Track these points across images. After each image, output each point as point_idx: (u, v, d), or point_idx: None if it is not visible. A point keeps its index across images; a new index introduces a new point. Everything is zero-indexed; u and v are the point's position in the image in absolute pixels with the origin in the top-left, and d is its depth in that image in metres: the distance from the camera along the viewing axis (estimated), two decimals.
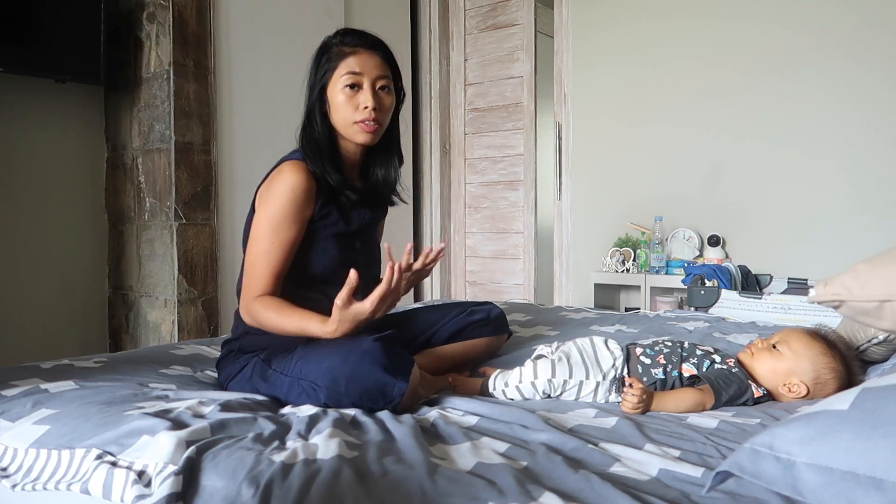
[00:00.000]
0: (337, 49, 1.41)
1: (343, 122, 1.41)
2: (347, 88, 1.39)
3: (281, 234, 1.35)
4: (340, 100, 1.40)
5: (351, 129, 1.41)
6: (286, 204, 1.35)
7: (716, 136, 3.12)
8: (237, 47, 2.91)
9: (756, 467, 0.76)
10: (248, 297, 1.36)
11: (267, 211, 1.36)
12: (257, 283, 1.35)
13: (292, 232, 1.36)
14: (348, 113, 1.40)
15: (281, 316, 1.31)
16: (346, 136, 1.43)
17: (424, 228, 4.07)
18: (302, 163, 1.39)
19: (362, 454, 0.95)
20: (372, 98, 1.39)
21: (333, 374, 1.20)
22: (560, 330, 1.94)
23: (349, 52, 1.40)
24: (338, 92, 1.40)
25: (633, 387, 1.23)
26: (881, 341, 1.39)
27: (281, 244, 1.35)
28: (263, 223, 1.36)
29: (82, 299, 2.79)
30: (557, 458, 0.95)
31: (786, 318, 2.05)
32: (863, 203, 2.80)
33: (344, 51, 1.41)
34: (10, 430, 1.11)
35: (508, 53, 3.86)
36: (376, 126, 1.41)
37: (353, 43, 1.42)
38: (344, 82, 1.39)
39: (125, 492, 0.90)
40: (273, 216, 1.35)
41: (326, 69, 1.41)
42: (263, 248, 1.35)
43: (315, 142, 1.42)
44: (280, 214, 1.35)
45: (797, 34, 2.91)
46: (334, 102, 1.41)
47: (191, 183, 2.69)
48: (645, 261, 3.21)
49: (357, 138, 1.42)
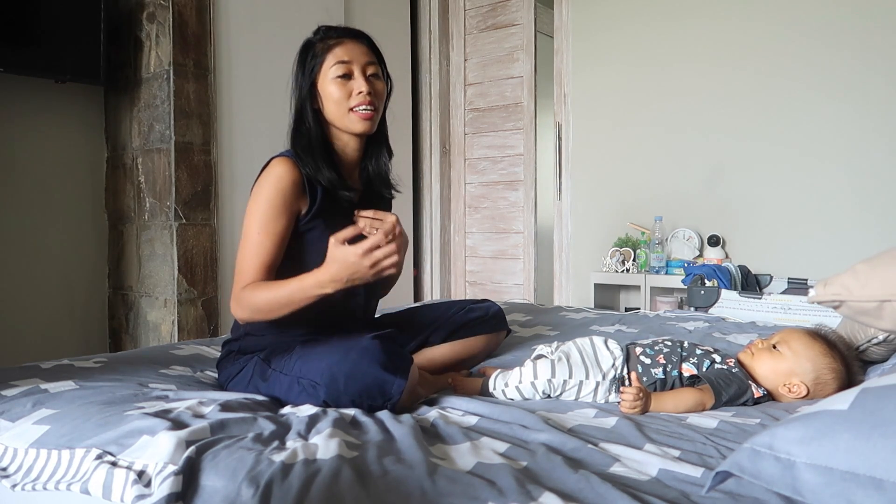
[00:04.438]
0: (321, 44, 1.41)
1: (338, 113, 1.39)
2: (339, 78, 1.38)
3: (269, 225, 1.34)
4: (333, 90, 1.38)
5: (347, 118, 1.39)
6: (273, 196, 1.34)
7: (716, 136, 3.12)
8: (237, 47, 2.91)
9: (756, 467, 0.76)
10: (237, 289, 1.34)
11: (255, 205, 1.36)
12: (247, 274, 1.33)
13: (281, 224, 1.35)
14: (343, 101, 1.38)
15: (271, 290, 1.29)
16: (342, 127, 1.41)
17: (424, 228, 4.07)
18: (290, 158, 1.38)
19: (362, 454, 0.95)
20: (365, 83, 1.38)
21: (333, 372, 1.21)
22: (560, 330, 1.94)
23: (334, 43, 1.40)
24: (329, 83, 1.38)
25: (631, 385, 1.23)
26: (881, 341, 1.39)
27: (270, 235, 1.34)
28: (252, 217, 1.35)
29: (82, 299, 2.79)
30: (557, 458, 0.95)
31: (786, 318, 2.05)
32: (863, 203, 2.80)
33: (329, 43, 1.40)
34: (10, 430, 1.11)
35: (508, 53, 3.86)
36: (372, 112, 1.39)
37: (337, 35, 1.41)
38: (334, 73, 1.38)
39: (125, 492, 0.90)
40: (260, 209, 1.34)
41: (314, 65, 1.40)
42: (253, 241, 1.34)
43: (307, 139, 1.40)
44: (267, 206, 1.34)
45: (797, 34, 2.91)
46: (326, 94, 1.39)
47: (191, 183, 2.69)
48: (645, 261, 3.21)
49: (355, 127, 1.40)
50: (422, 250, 4.08)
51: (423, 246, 4.08)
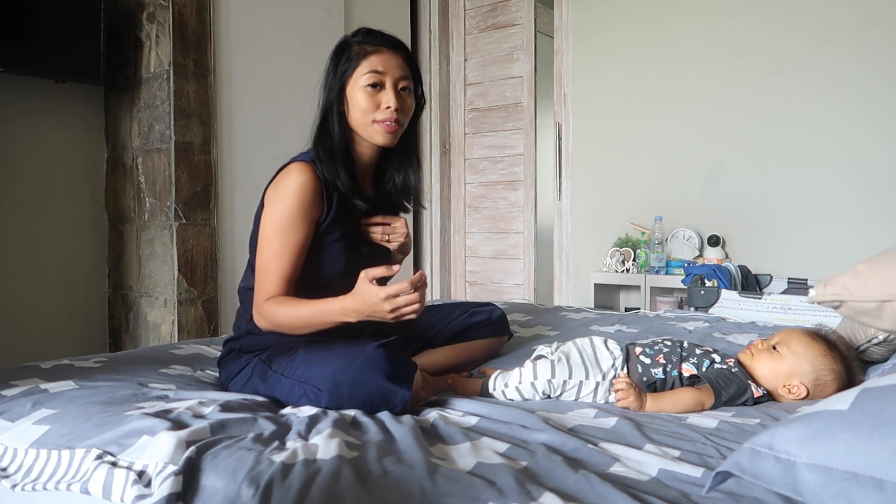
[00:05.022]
0: (358, 48, 1.38)
1: (362, 122, 1.38)
2: (369, 87, 1.36)
3: (290, 236, 1.33)
4: (361, 98, 1.36)
5: (370, 128, 1.38)
6: (294, 206, 1.33)
7: (716, 135, 3.12)
8: (237, 47, 2.90)
9: (756, 467, 0.76)
10: (260, 300, 1.34)
11: (275, 214, 1.34)
12: (270, 286, 1.33)
13: (301, 234, 1.34)
14: (369, 112, 1.36)
15: (296, 309, 1.29)
16: (364, 136, 1.40)
17: (424, 228, 4.07)
18: (310, 164, 1.36)
19: (362, 454, 0.95)
20: (395, 98, 1.36)
21: (337, 379, 1.20)
22: (560, 330, 1.93)
23: (371, 50, 1.37)
24: (358, 90, 1.36)
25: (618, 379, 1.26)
26: (881, 341, 1.39)
27: (291, 247, 1.33)
28: (272, 227, 1.34)
29: (82, 299, 2.79)
30: (557, 458, 0.95)
31: (786, 318, 2.05)
32: (863, 203, 2.80)
33: (366, 49, 1.38)
34: (10, 430, 1.11)
35: (508, 53, 3.86)
36: (397, 127, 1.38)
37: (376, 42, 1.39)
38: (366, 81, 1.36)
39: (125, 492, 0.90)
40: (281, 219, 1.33)
41: (346, 68, 1.38)
42: (274, 251, 1.33)
43: (330, 143, 1.39)
44: (288, 217, 1.33)
45: (797, 35, 2.91)
46: (354, 101, 1.37)
47: (191, 183, 2.69)
48: (645, 261, 3.21)
49: (376, 139, 1.39)
50: (422, 250, 4.08)
51: (423, 246, 4.07)
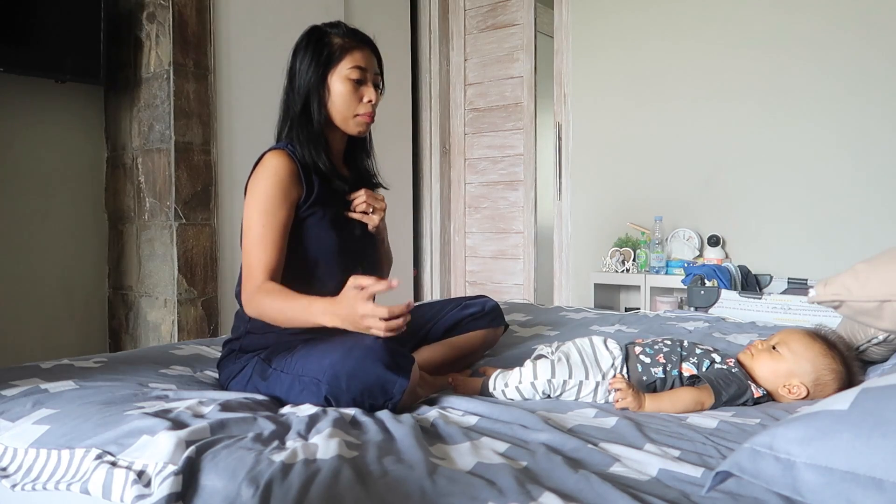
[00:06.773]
0: (341, 41, 1.44)
1: (343, 114, 1.45)
2: (353, 82, 1.43)
3: (271, 217, 1.35)
4: (343, 91, 1.43)
5: (351, 121, 1.46)
6: (272, 186, 1.36)
7: (716, 135, 3.12)
8: (237, 47, 2.91)
9: (756, 467, 0.76)
10: (250, 287, 1.34)
11: (254, 198, 1.37)
12: (256, 270, 1.34)
13: (282, 214, 1.37)
14: (352, 105, 1.44)
15: (285, 301, 1.30)
16: (341, 126, 1.47)
17: (424, 228, 4.07)
18: (284, 150, 1.41)
19: (362, 454, 0.95)
20: (375, 94, 1.46)
21: (335, 371, 1.21)
22: (560, 330, 1.94)
23: (355, 46, 1.44)
24: (342, 82, 1.43)
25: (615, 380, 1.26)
26: (881, 341, 1.39)
27: (273, 228, 1.35)
28: (253, 210, 1.37)
29: (82, 299, 2.79)
30: (557, 458, 0.95)
31: (786, 318, 2.05)
32: (863, 203, 2.80)
33: (350, 44, 1.44)
34: (10, 430, 1.11)
35: (508, 53, 3.86)
36: (371, 120, 1.48)
37: (359, 39, 1.47)
38: (351, 75, 1.43)
39: (125, 492, 0.90)
40: (261, 201, 1.36)
41: (329, 60, 1.43)
42: (257, 234, 1.35)
43: (310, 126, 1.44)
44: (267, 198, 1.36)
45: (797, 35, 2.91)
46: (336, 92, 1.43)
47: (191, 183, 2.69)
48: (645, 261, 3.21)
49: (353, 130, 1.47)
50: (422, 250, 4.08)
51: (423, 246, 4.07)
